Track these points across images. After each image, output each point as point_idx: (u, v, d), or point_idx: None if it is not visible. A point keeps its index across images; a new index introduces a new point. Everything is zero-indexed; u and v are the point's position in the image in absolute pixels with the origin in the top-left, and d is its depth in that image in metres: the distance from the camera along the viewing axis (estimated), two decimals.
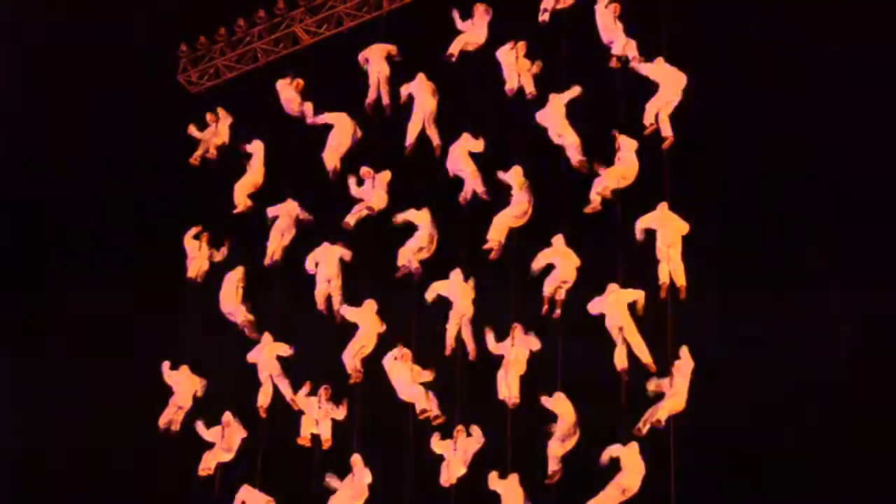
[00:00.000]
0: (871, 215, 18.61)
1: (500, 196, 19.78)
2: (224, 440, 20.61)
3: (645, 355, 17.98)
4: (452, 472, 18.40)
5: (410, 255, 20.22)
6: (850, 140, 18.85)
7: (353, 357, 19.94)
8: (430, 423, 19.17)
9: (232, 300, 21.52)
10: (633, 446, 17.38)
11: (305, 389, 20.27)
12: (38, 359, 23.45)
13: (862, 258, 18.45)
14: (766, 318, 18.49)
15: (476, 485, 18.29)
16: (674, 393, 17.40)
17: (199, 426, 20.80)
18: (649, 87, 19.15)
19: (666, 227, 18.19)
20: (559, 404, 18.04)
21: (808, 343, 18.20)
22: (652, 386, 17.67)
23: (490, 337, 18.92)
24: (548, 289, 18.70)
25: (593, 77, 19.66)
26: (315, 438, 20.02)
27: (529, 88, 20.19)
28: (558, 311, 18.66)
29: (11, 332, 23.88)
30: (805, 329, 18.28)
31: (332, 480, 19.25)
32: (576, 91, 19.58)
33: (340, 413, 19.94)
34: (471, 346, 19.30)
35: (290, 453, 19.96)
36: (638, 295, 18.13)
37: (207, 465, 20.61)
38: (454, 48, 20.96)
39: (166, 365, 21.22)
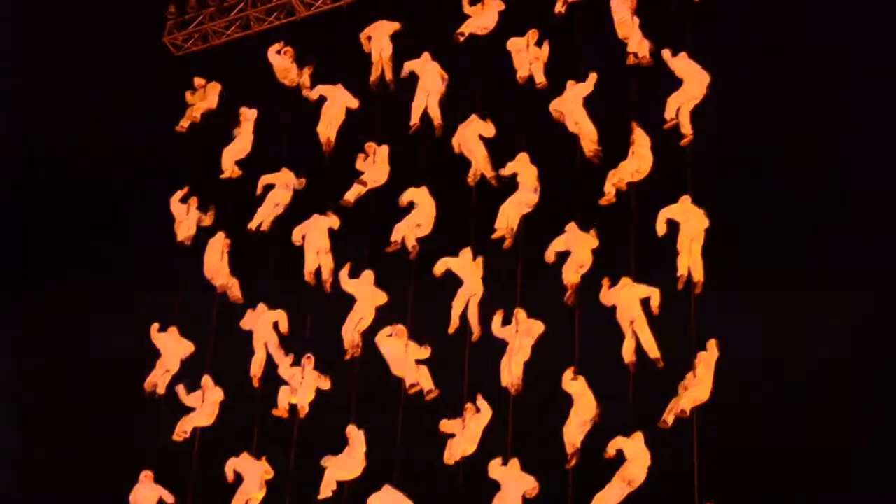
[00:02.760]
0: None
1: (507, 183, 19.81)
2: (204, 405, 20.44)
3: (653, 350, 18.04)
4: (458, 449, 18.29)
5: (406, 231, 20.18)
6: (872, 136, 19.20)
7: (352, 331, 19.79)
8: (424, 397, 19.14)
9: (216, 264, 21.32)
10: (638, 437, 17.43)
11: (289, 360, 20.12)
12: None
13: (882, 254, 18.77)
14: (784, 313, 18.72)
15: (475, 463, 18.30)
16: (698, 382, 17.52)
17: (180, 390, 20.60)
18: (665, 83, 19.36)
19: (689, 221, 18.31)
20: (578, 387, 17.98)
21: (824, 337, 18.49)
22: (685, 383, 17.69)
23: (496, 321, 18.83)
24: (567, 275, 18.64)
25: (609, 70, 19.78)
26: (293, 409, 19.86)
27: (540, 78, 20.24)
28: (572, 296, 18.63)
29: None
30: (822, 322, 18.56)
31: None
32: (593, 79, 19.65)
33: (325, 383, 19.83)
34: (475, 327, 19.19)
35: (283, 424, 19.78)
36: (652, 292, 18.20)
37: (184, 429, 20.40)
38: (465, 28, 20.93)
39: (154, 327, 20.96)
